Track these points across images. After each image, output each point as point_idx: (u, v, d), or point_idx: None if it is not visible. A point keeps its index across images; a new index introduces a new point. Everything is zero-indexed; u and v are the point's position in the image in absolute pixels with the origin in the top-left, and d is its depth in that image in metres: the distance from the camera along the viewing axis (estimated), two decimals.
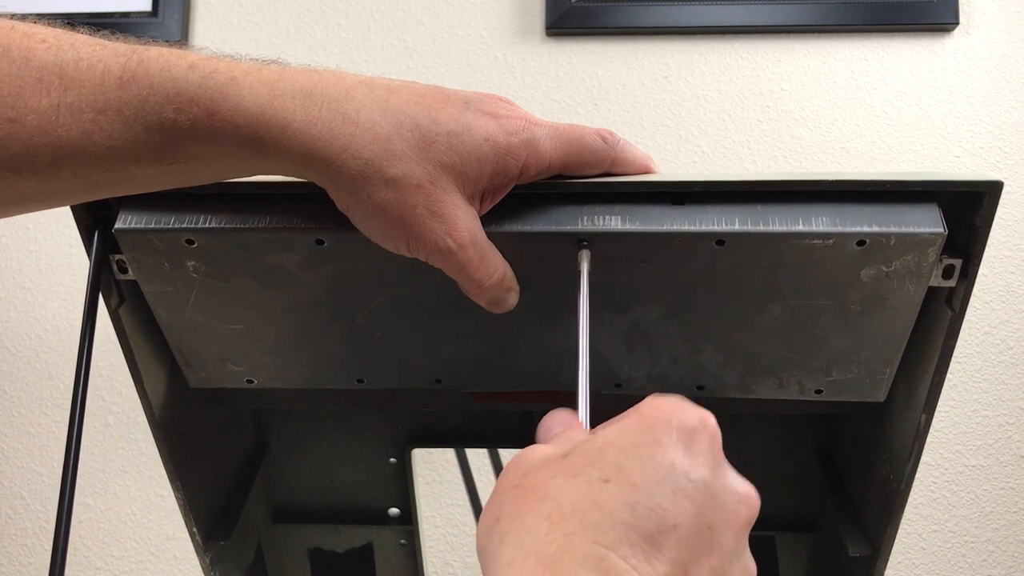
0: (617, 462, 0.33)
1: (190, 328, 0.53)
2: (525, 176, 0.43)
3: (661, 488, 0.32)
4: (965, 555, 1.20)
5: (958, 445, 1.20)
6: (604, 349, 0.52)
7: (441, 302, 0.50)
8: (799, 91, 1.22)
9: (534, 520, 0.32)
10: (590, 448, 0.34)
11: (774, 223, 0.45)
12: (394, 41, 1.26)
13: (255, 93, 0.39)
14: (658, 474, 0.32)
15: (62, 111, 0.38)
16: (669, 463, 0.33)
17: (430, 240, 0.42)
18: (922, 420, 0.51)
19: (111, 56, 0.39)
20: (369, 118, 0.40)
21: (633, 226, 0.45)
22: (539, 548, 0.30)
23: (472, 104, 0.43)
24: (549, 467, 0.34)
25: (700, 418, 0.37)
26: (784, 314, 0.49)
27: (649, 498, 0.31)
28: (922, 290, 0.47)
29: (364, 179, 0.40)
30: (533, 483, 0.34)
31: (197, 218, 0.47)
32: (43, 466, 1.26)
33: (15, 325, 1.27)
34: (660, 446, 0.34)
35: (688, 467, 0.33)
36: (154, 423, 0.56)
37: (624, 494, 0.31)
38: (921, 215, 0.44)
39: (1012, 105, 1.21)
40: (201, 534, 0.61)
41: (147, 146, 0.39)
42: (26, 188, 0.40)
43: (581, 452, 0.34)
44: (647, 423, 0.35)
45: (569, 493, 0.32)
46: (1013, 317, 1.20)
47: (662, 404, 0.37)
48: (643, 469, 0.33)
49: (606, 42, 1.24)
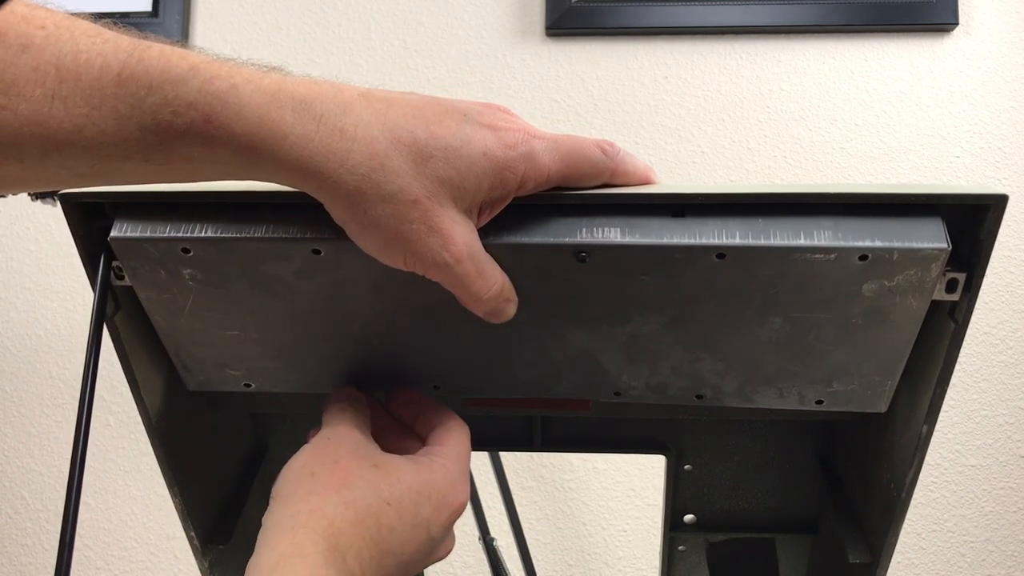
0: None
1: (187, 334, 0.53)
2: (524, 189, 0.43)
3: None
4: (965, 555, 1.20)
5: (958, 445, 1.20)
6: (603, 359, 0.52)
7: (438, 310, 0.50)
8: (799, 91, 1.22)
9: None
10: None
11: (775, 236, 0.44)
12: (394, 41, 1.25)
13: (254, 102, 0.39)
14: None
15: (56, 103, 0.37)
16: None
17: (427, 255, 0.42)
18: (924, 430, 0.50)
19: (111, 52, 0.38)
20: (367, 133, 0.40)
21: (633, 238, 0.45)
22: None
23: (471, 116, 0.42)
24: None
25: (463, 503, 0.49)
26: (784, 326, 0.48)
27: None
28: (925, 304, 0.46)
29: (360, 194, 0.40)
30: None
31: (193, 227, 0.47)
32: (43, 466, 1.26)
33: (15, 325, 1.27)
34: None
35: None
36: (151, 428, 0.56)
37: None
38: (925, 229, 0.44)
39: (1012, 105, 1.21)
40: (200, 538, 0.61)
41: (140, 145, 0.38)
42: (9, 172, 0.39)
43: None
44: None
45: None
46: (1013, 317, 1.20)
47: (447, 479, 0.49)
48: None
49: (606, 42, 1.24)
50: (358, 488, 0.45)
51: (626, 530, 1.23)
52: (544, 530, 1.23)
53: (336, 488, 0.44)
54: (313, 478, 0.45)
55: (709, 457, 0.69)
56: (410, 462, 0.48)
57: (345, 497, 0.44)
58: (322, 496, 0.44)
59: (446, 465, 0.49)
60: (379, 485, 0.45)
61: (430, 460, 0.49)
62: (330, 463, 0.46)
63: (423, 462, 0.49)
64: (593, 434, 0.68)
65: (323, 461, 0.46)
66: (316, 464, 0.46)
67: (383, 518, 0.44)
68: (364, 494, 0.45)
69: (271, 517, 0.44)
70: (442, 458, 0.50)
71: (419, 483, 0.47)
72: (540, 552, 1.22)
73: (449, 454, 0.50)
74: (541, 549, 1.23)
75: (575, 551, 1.23)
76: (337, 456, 0.47)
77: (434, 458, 0.49)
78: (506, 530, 1.06)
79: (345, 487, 0.44)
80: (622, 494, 1.23)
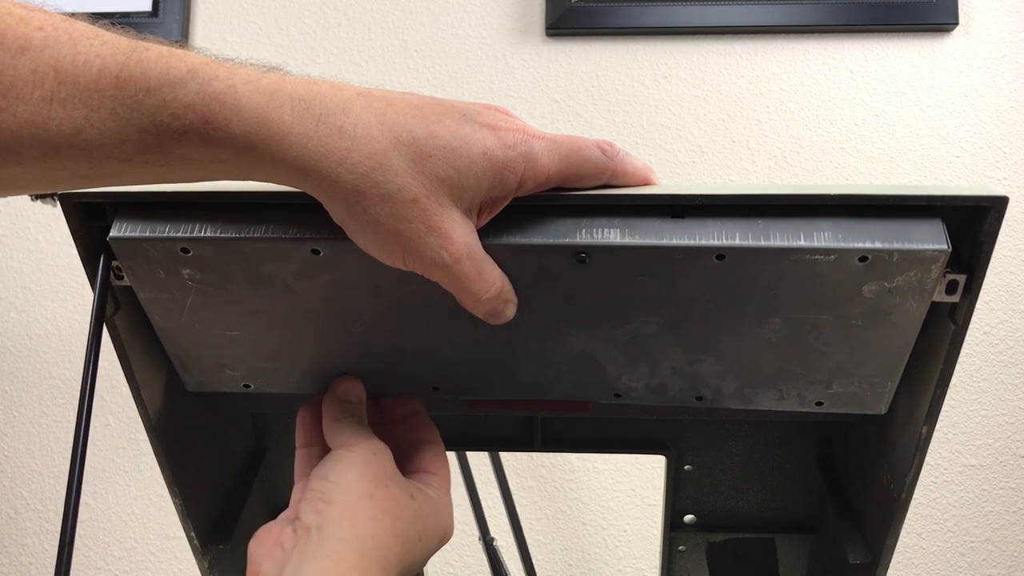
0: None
1: (186, 334, 0.53)
2: (523, 189, 0.43)
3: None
4: (965, 555, 1.20)
5: (958, 445, 1.20)
6: (603, 360, 0.52)
7: (438, 310, 0.50)
8: (799, 91, 1.22)
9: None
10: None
11: (775, 238, 0.44)
12: (394, 41, 1.25)
13: (253, 103, 0.39)
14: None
15: (54, 105, 0.37)
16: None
17: (426, 254, 0.42)
18: (923, 432, 0.50)
19: (110, 54, 0.38)
20: (366, 132, 0.40)
21: (632, 239, 0.45)
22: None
23: (470, 116, 0.42)
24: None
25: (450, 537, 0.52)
26: (784, 328, 0.48)
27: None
28: (925, 305, 0.46)
29: (359, 193, 0.40)
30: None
31: (192, 227, 0.47)
32: (43, 466, 1.26)
33: (15, 325, 1.27)
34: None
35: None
36: (151, 428, 0.56)
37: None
38: (925, 231, 0.44)
39: (1011, 105, 1.21)
40: (199, 538, 0.61)
41: (139, 147, 0.38)
42: (9, 175, 0.39)
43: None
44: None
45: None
46: (1013, 317, 1.20)
47: (450, 518, 0.53)
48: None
49: (606, 42, 1.24)
50: (404, 521, 0.48)
51: (626, 530, 1.23)
52: (544, 530, 1.23)
53: (392, 520, 0.47)
54: (372, 501, 0.47)
55: (709, 457, 0.69)
56: (427, 497, 0.51)
57: (397, 530, 0.47)
58: (381, 525, 0.47)
59: (447, 500, 0.53)
60: (417, 521, 0.49)
61: (437, 496, 0.52)
62: (383, 486, 0.48)
63: (433, 499, 0.52)
64: (593, 434, 0.68)
65: (377, 483, 0.48)
66: (372, 485, 0.48)
67: (412, 553, 0.48)
68: (407, 528, 0.48)
69: (335, 529, 0.45)
70: (445, 494, 0.53)
71: (437, 519, 0.51)
72: (540, 552, 1.22)
73: (444, 486, 0.54)
74: (541, 549, 1.23)
75: (575, 551, 1.23)
76: (387, 479, 0.49)
77: (440, 494, 0.53)
78: (506, 530, 1.06)
79: (398, 519, 0.48)
80: (622, 494, 1.23)
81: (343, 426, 0.52)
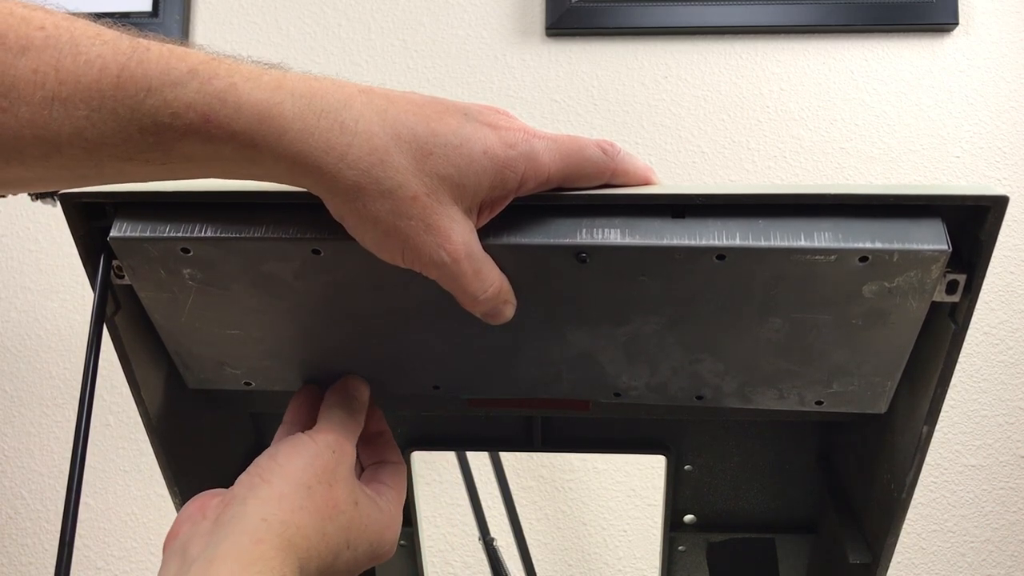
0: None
1: (187, 333, 0.53)
2: (524, 189, 0.43)
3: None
4: (965, 555, 1.20)
5: (958, 445, 1.20)
6: (603, 359, 0.52)
7: (438, 310, 0.50)
8: (799, 91, 1.22)
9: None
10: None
11: (775, 238, 0.44)
12: (394, 41, 1.25)
13: (254, 99, 0.39)
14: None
15: (56, 105, 0.37)
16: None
17: (424, 252, 0.42)
18: (924, 431, 0.50)
19: (110, 54, 0.38)
20: (367, 128, 0.40)
21: (632, 239, 0.45)
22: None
23: (471, 115, 0.42)
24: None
25: (390, 553, 0.52)
26: (784, 327, 0.48)
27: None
28: (925, 305, 0.46)
29: (360, 189, 0.40)
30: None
31: (192, 227, 0.47)
32: (43, 466, 1.26)
33: (15, 325, 1.27)
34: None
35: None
36: (151, 428, 0.56)
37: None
38: (925, 231, 0.44)
39: (1011, 105, 1.21)
40: None
41: (140, 146, 0.38)
42: (11, 174, 0.39)
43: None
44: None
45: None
46: (1013, 317, 1.20)
47: (393, 533, 0.52)
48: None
49: (606, 42, 1.24)
50: (336, 523, 0.47)
51: (626, 530, 1.23)
52: (544, 530, 1.23)
53: (322, 517, 0.46)
54: (309, 494, 0.46)
55: (709, 457, 0.69)
56: (376, 508, 0.51)
57: (326, 529, 0.46)
58: (310, 518, 0.45)
59: (396, 517, 0.52)
60: (351, 528, 0.48)
61: (387, 508, 0.52)
62: (325, 483, 0.47)
63: (385, 510, 0.52)
64: (593, 434, 0.68)
65: (321, 478, 0.47)
66: (314, 478, 0.47)
67: (340, 559, 0.47)
68: (338, 531, 0.47)
69: (261, 508, 0.44)
70: (395, 506, 0.53)
71: (376, 534, 0.50)
72: (540, 552, 1.22)
73: (398, 500, 0.54)
74: (541, 549, 1.23)
75: (575, 551, 1.23)
76: (333, 478, 0.48)
77: (391, 507, 0.52)
78: (506, 530, 1.06)
79: (329, 519, 0.46)
80: (622, 494, 1.23)
81: (333, 413, 0.52)
